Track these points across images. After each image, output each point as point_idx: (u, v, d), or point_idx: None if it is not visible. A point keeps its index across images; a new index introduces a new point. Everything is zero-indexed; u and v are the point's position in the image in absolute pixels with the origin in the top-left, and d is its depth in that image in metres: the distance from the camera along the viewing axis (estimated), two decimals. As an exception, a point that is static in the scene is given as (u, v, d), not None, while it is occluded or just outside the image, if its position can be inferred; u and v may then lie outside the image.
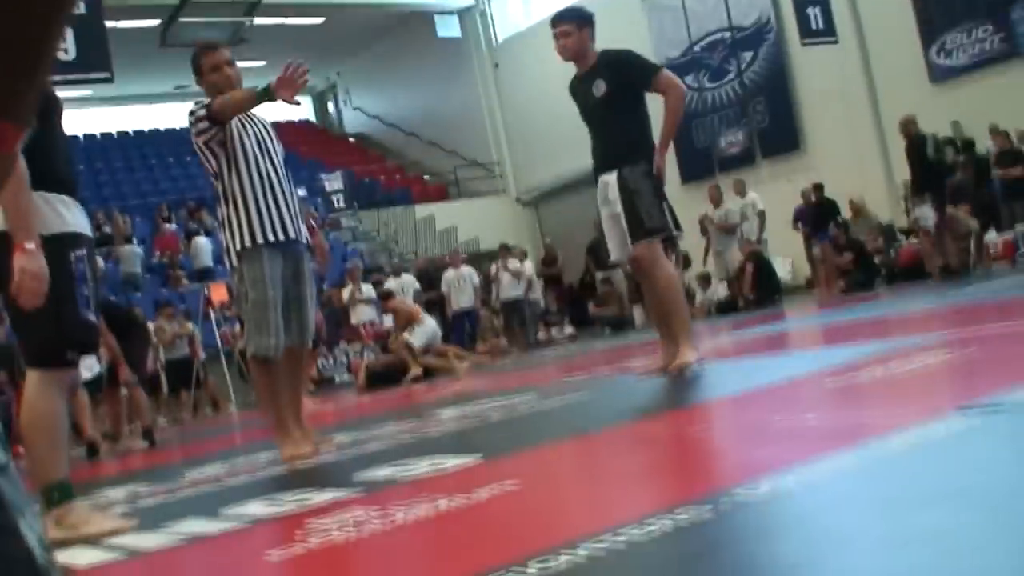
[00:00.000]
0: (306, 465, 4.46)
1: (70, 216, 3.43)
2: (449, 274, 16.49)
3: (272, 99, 4.59)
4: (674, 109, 5.48)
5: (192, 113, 4.88)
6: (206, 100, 4.89)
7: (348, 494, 3.21)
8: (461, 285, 16.34)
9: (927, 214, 12.00)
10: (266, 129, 5.07)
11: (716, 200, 14.99)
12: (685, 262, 15.40)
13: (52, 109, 3.46)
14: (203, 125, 4.83)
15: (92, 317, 3.43)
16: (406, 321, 12.91)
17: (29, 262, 3.08)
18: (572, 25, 5.57)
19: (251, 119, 5.02)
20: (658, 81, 5.45)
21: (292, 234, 4.89)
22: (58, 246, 3.29)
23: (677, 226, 5.51)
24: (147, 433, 9.08)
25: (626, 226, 5.40)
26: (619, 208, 5.42)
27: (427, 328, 12.83)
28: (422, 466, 3.49)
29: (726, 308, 14.27)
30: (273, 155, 5.00)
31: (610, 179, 5.48)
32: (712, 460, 2.96)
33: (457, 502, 2.64)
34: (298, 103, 4.65)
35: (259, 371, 4.91)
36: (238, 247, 4.80)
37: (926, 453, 2.21)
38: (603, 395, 5.13)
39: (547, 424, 4.46)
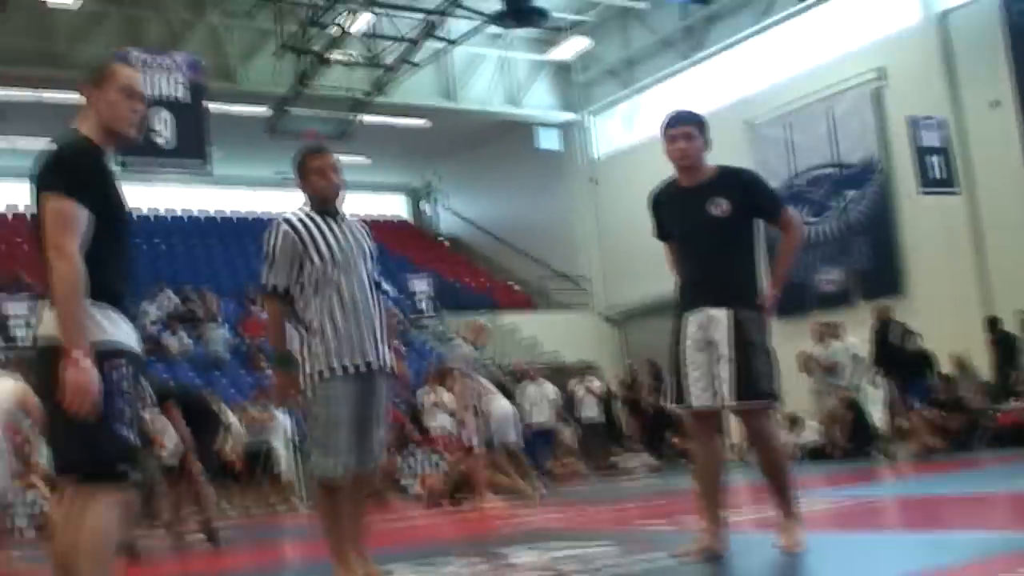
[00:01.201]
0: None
1: (112, 329, 3.28)
2: (530, 388, 16.10)
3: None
4: (793, 249, 4.90)
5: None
6: (281, 224, 4.75)
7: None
8: (540, 400, 15.93)
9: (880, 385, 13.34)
10: (357, 241, 4.82)
11: (820, 337, 14.41)
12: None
13: (120, 224, 3.37)
14: None
15: (126, 433, 3.23)
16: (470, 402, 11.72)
17: (75, 374, 3.03)
18: (695, 128, 4.88)
19: (342, 231, 4.78)
20: (784, 215, 4.87)
21: (370, 360, 4.64)
22: (95, 358, 3.15)
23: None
24: (209, 528, 8.83)
25: (734, 379, 4.65)
26: (726, 353, 4.66)
27: (498, 411, 11.17)
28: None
29: (816, 454, 13.63)
30: (360, 275, 4.73)
31: (719, 315, 4.70)
32: None
33: None
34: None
35: (322, 494, 4.68)
36: (313, 377, 4.60)
37: None
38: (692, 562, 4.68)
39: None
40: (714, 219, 4.75)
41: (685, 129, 4.87)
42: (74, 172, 3.23)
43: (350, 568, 4.55)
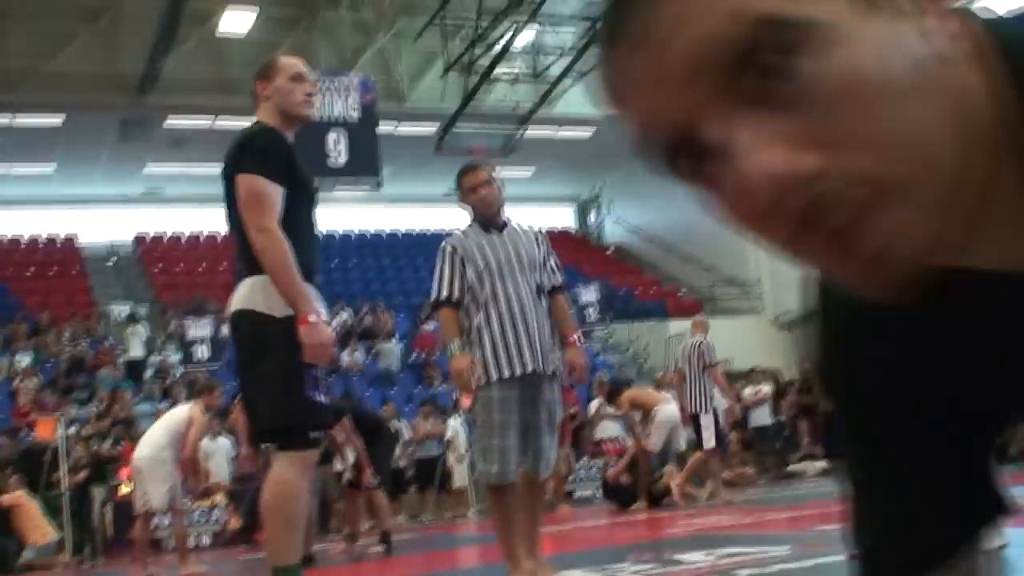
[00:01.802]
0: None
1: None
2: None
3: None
4: None
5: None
6: (447, 241, 4.97)
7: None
8: (711, 407, 15.72)
9: None
10: (518, 250, 4.90)
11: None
12: None
13: (307, 200, 3.58)
14: None
15: (320, 397, 3.44)
16: (643, 413, 12.05)
17: (312, 332, 3.28)
18: None
19: (503, 242, 4.90)
20: None
21: (531, 367, 4.71)
22: (292, 328, 3.34)
23: None
24: (385, 537, 9.04)
25: None
26: None
27: (663, 418, 11.67)
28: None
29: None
30: (520, 283, 4.82)
31: None
32: None
33: None
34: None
35: (492, 497, 4.77)
36: (475, 385, 4.71)
37: None
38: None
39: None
40: None
41: None
42: (263, 152, 3.47)
43: (522, 569, 4.60)
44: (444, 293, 4.83)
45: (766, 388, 17.20)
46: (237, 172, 3.42)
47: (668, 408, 11.77)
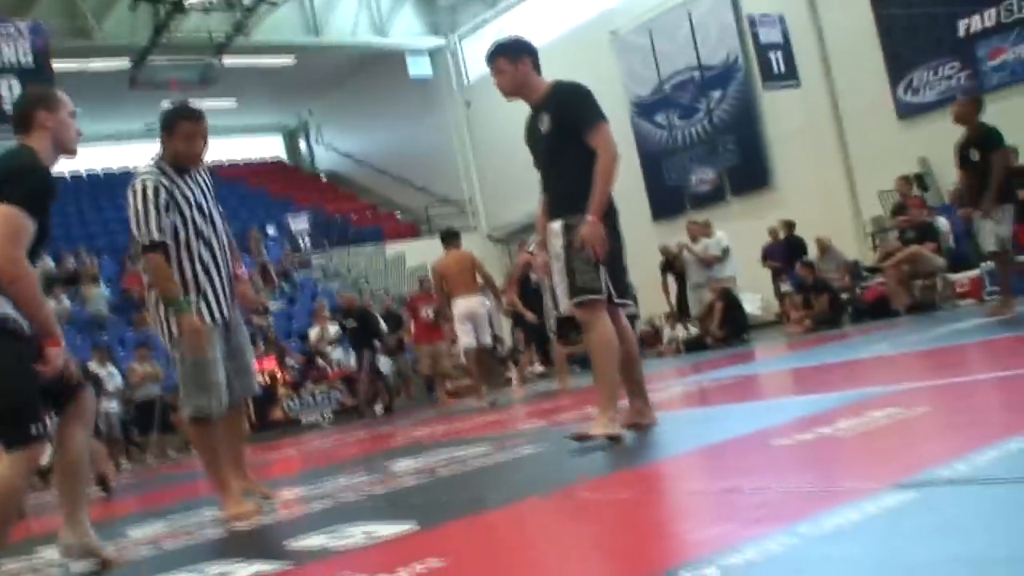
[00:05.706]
0: (243, 528, 4.33)
1: (17, 314, 3.59)
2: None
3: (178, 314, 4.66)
4: (603, 170, 4.74)
5: (134, 195, 4.69)
6: (149, 179, 4.69)
7: (274, 568, 3.10)
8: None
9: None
10: (210, 192, 4.91)
11: (695, 235, 15.00)
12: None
13: (48, 218, 3.74)
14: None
15: (37, 399, 3.63)
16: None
17: (59, 355, 3.62)
18: (504, 61, 4.98)
19: (199, 185, 4.86)
20: (592, 133, 4.80)
21: (226, 315, 4.85)
22: (9, 336, 3.56)
23: (623, 294, 4.89)
24: (102, 481, 8.88)
25: (564, 282, 4.84)
26: (561, 262, 4.84)
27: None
28: (356, 535, 3.37)
29: (694, 346, 14.18)
30: (211, 232, 4.83)
31: (555, 227, 4.88)
32: (654, 537, 2.83)
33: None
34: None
35: (196, 431, 4.81)
36: (175, 331, 4.69)
37: (860, 533, 2.11)
38: (554, 449, 4.98)
39: (491, 484, 4.34)
40: (543, 135, 4.93)
41: (495, 64, 5.03)
42: (31, 190, 3.65)
43: (235, 497, 4.72)
44: (156, 236, 4.65)
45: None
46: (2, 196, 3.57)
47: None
